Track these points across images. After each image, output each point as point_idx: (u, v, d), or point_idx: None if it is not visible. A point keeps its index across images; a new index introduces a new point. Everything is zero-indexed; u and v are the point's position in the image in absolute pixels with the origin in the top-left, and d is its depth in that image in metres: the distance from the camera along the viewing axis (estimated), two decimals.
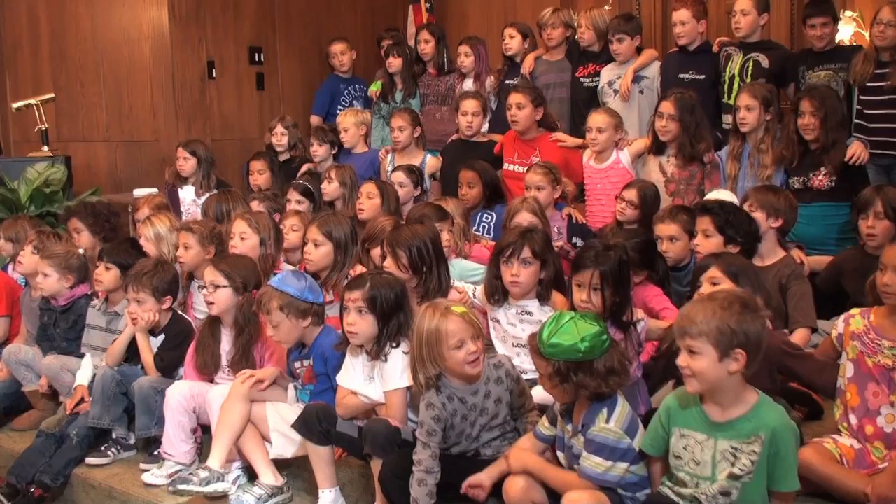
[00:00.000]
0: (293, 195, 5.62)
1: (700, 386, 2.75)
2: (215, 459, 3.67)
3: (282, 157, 6.79)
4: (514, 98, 5.66)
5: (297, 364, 3.79)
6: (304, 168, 6.64)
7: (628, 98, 5.82)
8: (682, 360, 2.74)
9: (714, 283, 3.27)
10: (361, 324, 3.44)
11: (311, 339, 3.75)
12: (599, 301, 3.33)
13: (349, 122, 6.57)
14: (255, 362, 3.96)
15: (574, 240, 5.00)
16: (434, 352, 3.14)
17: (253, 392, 3.73)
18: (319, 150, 6.56)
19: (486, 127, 6.18)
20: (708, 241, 4.08)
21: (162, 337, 4.27)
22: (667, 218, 4.38)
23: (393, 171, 5.88)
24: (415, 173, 5.74)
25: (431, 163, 6.21)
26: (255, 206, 5.55)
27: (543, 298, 3.79)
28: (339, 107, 7.58)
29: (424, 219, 4.41)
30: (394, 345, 3.45)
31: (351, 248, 4.44)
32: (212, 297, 3.99)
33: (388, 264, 3.87)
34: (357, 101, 7.63)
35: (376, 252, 4.35)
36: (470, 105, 5.99)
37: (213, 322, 4.09)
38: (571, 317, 2.96)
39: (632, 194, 4.86)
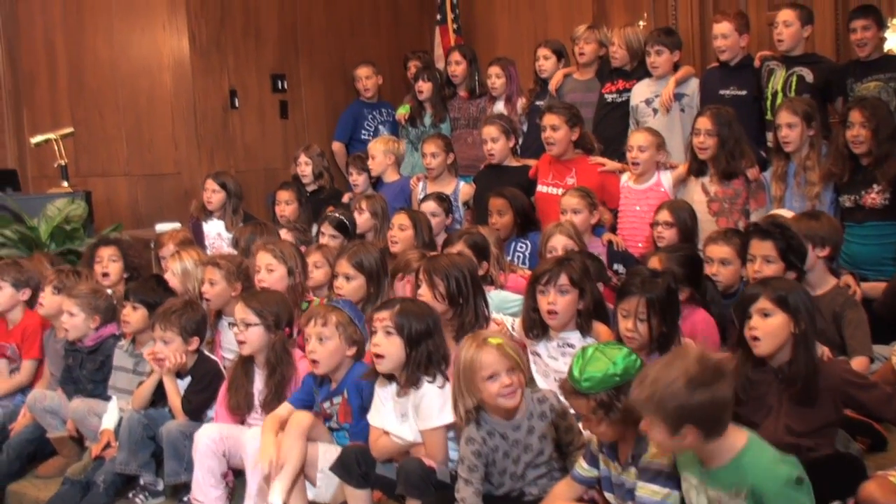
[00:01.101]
0: (327, 229, 5.63)
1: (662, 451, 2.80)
2: (277, 497, 3.61)
3: (309, 188, 6.85)
4: (549, 119, 5.69)
5: (327, 404, 3.79)
6: (347, 197, 6.70)
7: (670, 107, 5.80)
8: (642, 424, 2.73)
9: (766, 315, 3.21)
10: (388, 346, 3.44)
11: (342, 374, 3.77)
12: (646, 330, 3.33)
13: (377, 149, 6.64)
14: None
15: (615, 267, 5.00)
16: (470, 383, 3.17)
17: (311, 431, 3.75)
18: (359, 180, 6.64)
19: (507, 147, 6.14)
20: (769, 268, 3.98)
21: (189, 379, 4.29)
22: (720, 240, 4.36)
23: (423, 199, 5.91)
24: (446, 201, 5.78)
25: (465, 190, 6.25)
26: (284, 235, 5.60)
27: (584, 329, 3.79)
28: (363, 132, 7.65)
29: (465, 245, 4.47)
30: (429, 379, 3.43)
31: (383, 280, 4.46)
32: (243, 336, 4.00)
33: (424, 293, 3.88)
34: (383, 126, 7.70)
35: (400, 285, 4.38)
36: (489, 131, 6.03)
37: (246, 361, 4.11)
38: (595, 347, 2.98)
39: (665, 215, 4.87)
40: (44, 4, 7.66)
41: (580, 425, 3.22)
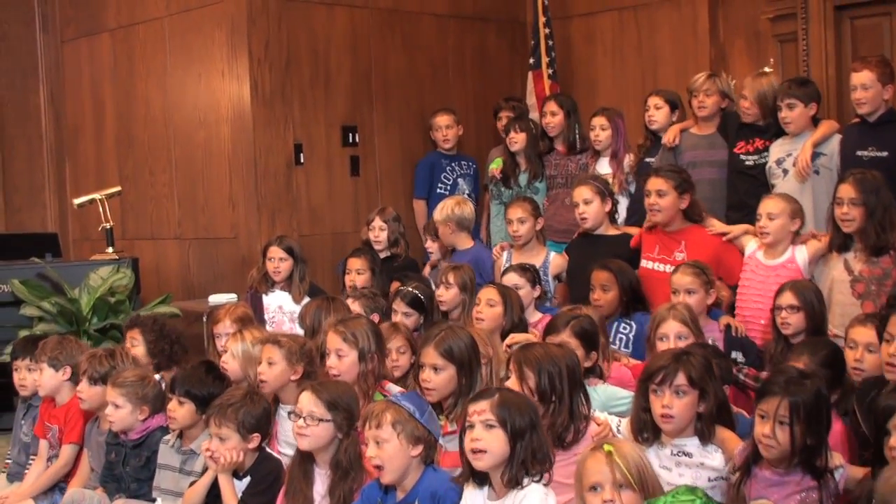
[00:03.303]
0: (399, 306, 5.66)
1: None
2: None
3: (382, 255, 6.92)
4: (654, 184, 5.66)
5: None
6: (427, 269, 6.76)
7: (807, 175, 5.74)
8: None
9: None
10: (491, 440, 3.41)
11: (412, 481, 3.73)
12: (786, 438, 3.28)
13: (436, 218, 6.68)
14: None
15: (734, 355, 4.92)
16: (578, 490, 3.17)
17: None
18: (433, 248, 6.68)
19: (602, 211, 6.11)
20: None
21: (248, 480, 4.30)
22: (868, 321, 4.27)
23: (504, 272, 5.92)
24: (529, 271, 5.76)
25: (556, 262, 6.22)
26: (350, 304, 5.63)
27: (705, 436, 3.72)
28: (440, 185, 7.74)
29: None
30: (535, 478, 3.40)
31: (476, 369, 4.39)
32: (307, 431, 4.00)
33: (511, 385, 3.87)
34: (463, 180, 7.76)
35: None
36: (581, 192, 6.00)
37: (304, 460, 4.10)
38: (661, 500, 2.93)
39: (789, 298, 4.79)
40: (91, 50, 7.91)
41: None
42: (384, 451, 3.69)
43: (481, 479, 3.51)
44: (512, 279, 5.70)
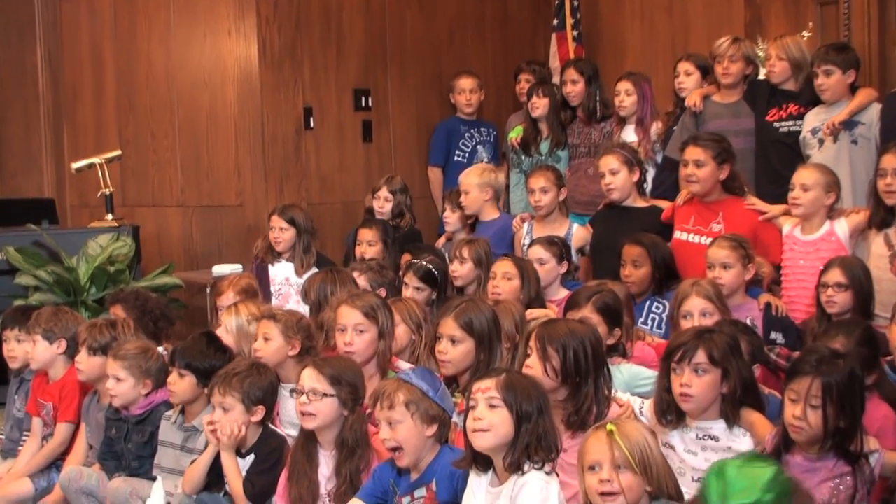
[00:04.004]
0: (411, 280, 5.66)
1: None
2: None
3: None
4: (692, 153, 5.64)
5: (406, 499, 3.77)
6: (442, 241, 6.75)
7: (836, 133, 5.70)
8: None
9: None
10: (493, 419, 3.41)
11: (427, 461, 3.76)
12: (818, 421, 3.29)
13: (471, 181, 6.62)
14: None
15: (773, 336, 4.92)
16: (579, 470, 3.20)
17: None
18: (452, 219, 6.68)
19: (630, 181, 6.08)
20: None
21: (252, 457, 4.34)
22: None
23: (531, 244, 5.93)
24: (557, 245, 5.75)
25: (579, 234, 6.24)
26: (356, 278, 5.63)
27: (731, 418, 3.73)
28: (458, 153, 7.75)
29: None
30: (536, 464, 3.40)
31: (496, 346, 4.41)
32: (312, 408, 4.02)
33: (533, 365, 3.87)
34: (482, 148, 7.76)
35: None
36: (607, 162, 6.01)
37: (307, 441, 4.14)
38: (735, 466, 2.91)
39: (836, 275, 4.78)
40: (91, 7, 7.91)
41: None
42: (398, 433, 3.71)
43: (484, 464, 3.52)
44: (537, 253, 5.69)
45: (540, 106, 7.10)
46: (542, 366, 3.84)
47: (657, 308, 5.39)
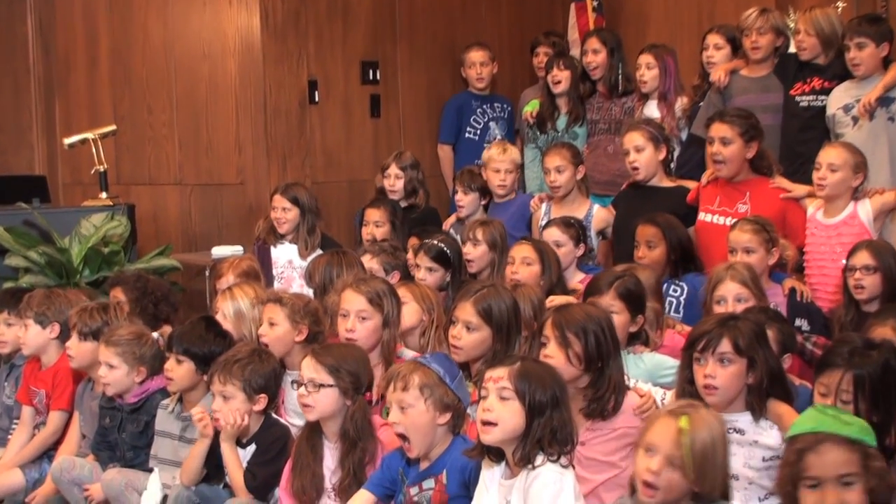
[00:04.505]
0: (423, 260, 5.67)
1: None
2: None
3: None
4: (718, 129, 5.62)
5: (415, 489, 3.78)
6: (451, 221, 6.74)
7: (872, 110, 5.69)
8: None
9: None
10: (503, 411, 3.41)
11: (438, 451, 3.78)
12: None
13: (502, 159, 6.62)
14: None
15: (798, 323, 4.92)
16: (637, 441, 3.24)
17: None
18: (465, 200, 6.66)
19: (655, 160, 6.08)
20: None
21: (253, 447, 4.35)
22: None
23: (546, 226, 5.93)
24: (574, 227, 5.76)
25: (601, 216, 6.24)
26: (367, 261, 5.66)
27: (757, 410, 3.74)
28: (469, 129, 7.75)
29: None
30: (551, 456, 3.41)
31: (514, 336, 4.41)
32: (311, 399, 4.03)
33: (553, 354, 3.86)
34: (496, 124, 7.75)
35: None
36: (632, 138, 6.01)
37: (312, 432, 4.15)
38: (833, 412, 2.94)
39: (865, 257, 4.78)
40: None
41: None
42: (408, 418, 3.73)
43: (497, 455, 3.52)
44: (553, 235, 5.70)
45: (562, 79, 7.09)
46: (563, 353, 3.84)
47: (674, 291, 5.39)
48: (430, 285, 5.37)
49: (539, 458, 3.38)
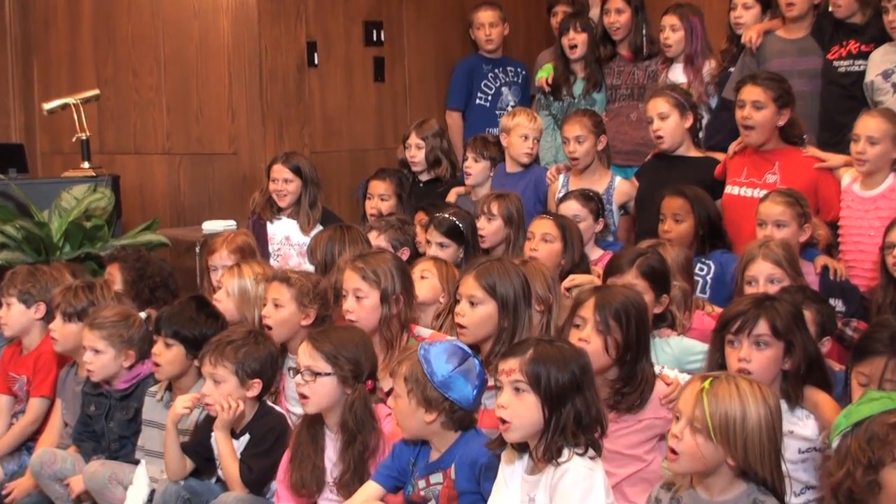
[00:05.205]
0: (433, 236, 5.64)
1: None
2: None
3: (421, 178, 6.96)
4: (750, 92, 5.59)
5: (422, 483, 3.78)
6: (454, 194, 6.73)
7: None
8: None
9: None
10: (518, 408, 3.40)
11: (446, 444, 3.77)
12: None
13: (530, 126, 6.58)
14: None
15: (832, 303, 4.89)
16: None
17: None
18: (475, 169, 6.65)
19: (682, 128, 6.06)
20: None
21: (246, 437, 4.34)
22: None
23: (563, 198, 5.93)
24: (594, 200, 5.77)
25: (623, 189, 6.24)
26: (374, 238, 5.66)
27: (793, 398, 3.73)
28: (480, 95, 7.73)
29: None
30: (578, 450, 3.38)
31: (523, 312, 4.36)
32: (307, 389, 4.02)
33: (590, 339, 3.85)
34: (509, 90, 7.73)
35: None
36: (656, 105, 6.00)
37: (313, 423, 4.14)
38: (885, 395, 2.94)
39: None
40: None
41: None
42: (397, 407, 3.77)
43: (520, 447, 3.51)
44: (571, 208, 5.70)
45: (578, 43, 7.06)
46: (601, 340, 3.84)
47: (701, 269, 5.37)
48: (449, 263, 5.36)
49: (565, 453, 3.37)
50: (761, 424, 3.11)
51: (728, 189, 5.78)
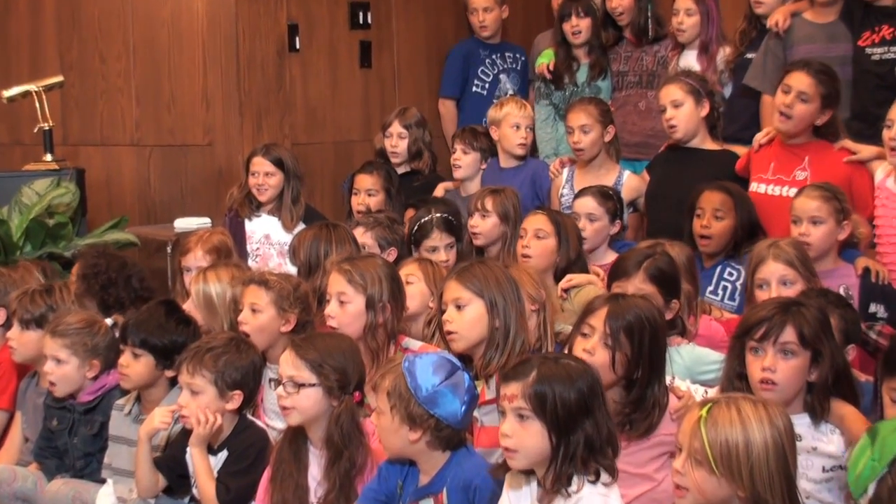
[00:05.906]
0: (441, 239, 5.70)
1: None
2: None
3: (399, 171, 6.93)
4: (800, 80, 5.49)
5: None
6: (441, 189, 6.71)
7: None
8: None
9: None
10: (523, 437, 3.37)
11: (435, 465, 3.73)
12: None
13: (522, 116, 6.63)
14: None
15: (873, 309, 4.90)
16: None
17: None
18: (463, 161, 6.65)
19: (697, 117, 6.04)
20: None
21: (224, 454, 4.33)
22: None
23: (578, 195, 5.91)
24: (612, 199, 5.76)
25: (632, 184, 6.24)
26: (360, 234, 5.65)
27: (818, 411, 3.71)
28: (477, 83, 7.74)
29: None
30: (590, 478, 3.37)
31: (512, 310, 4.30)
32: (290, 401, 3.99)
33: (594, 350, 3.83)
34: (507, 77, 7.72)
35: None
36: (669, 93, 6.00)
37: (296, 437, 4.12)
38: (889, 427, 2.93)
39: None
40: None
41: None
42: (379, 424, 3.74)
43: (527, 472, 3.49)
44: (587, 206, 5.69)
45: (582, 28, 7.04)
46: (607, 355, 3.81)
47: (730, 275, 5.38)
48: (451, 266, 5.36)
49: (575, 482, 3.35)
50: (768, 448, 3.07)
51: (753, 186, 5.74)
